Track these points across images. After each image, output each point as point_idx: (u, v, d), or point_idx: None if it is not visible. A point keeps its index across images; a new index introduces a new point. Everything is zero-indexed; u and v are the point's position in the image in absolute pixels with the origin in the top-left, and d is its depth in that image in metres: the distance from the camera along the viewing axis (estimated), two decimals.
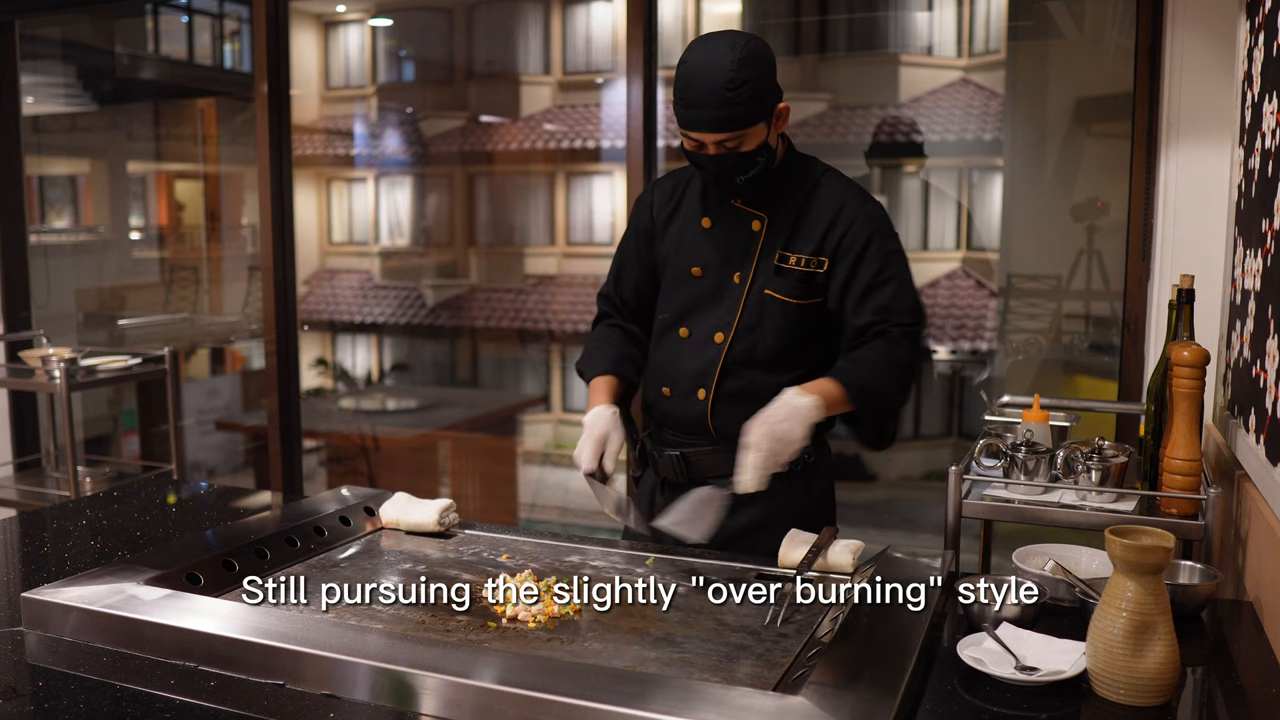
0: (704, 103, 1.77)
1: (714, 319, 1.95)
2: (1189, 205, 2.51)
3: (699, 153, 1.84)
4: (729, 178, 1.86)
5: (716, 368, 1.94)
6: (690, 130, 1.81)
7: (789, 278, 1.91)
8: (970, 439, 2.73)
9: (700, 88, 1.77)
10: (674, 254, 2.00)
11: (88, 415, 5.20)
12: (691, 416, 1.96)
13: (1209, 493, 1.80)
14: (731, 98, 1.75)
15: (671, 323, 2.01)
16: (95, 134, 6.11)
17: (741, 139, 1.80)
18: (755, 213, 1.93)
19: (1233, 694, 1.33)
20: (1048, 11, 4.08)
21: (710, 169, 1.85)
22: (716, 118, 1.77)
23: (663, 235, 2.03)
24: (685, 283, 1.98)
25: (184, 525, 2.03)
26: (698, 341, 1.96)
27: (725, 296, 1.95)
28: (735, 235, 1.94)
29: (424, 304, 8.00)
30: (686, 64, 1.80)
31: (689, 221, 2.00)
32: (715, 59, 1.77)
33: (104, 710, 1.23)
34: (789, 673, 1.32)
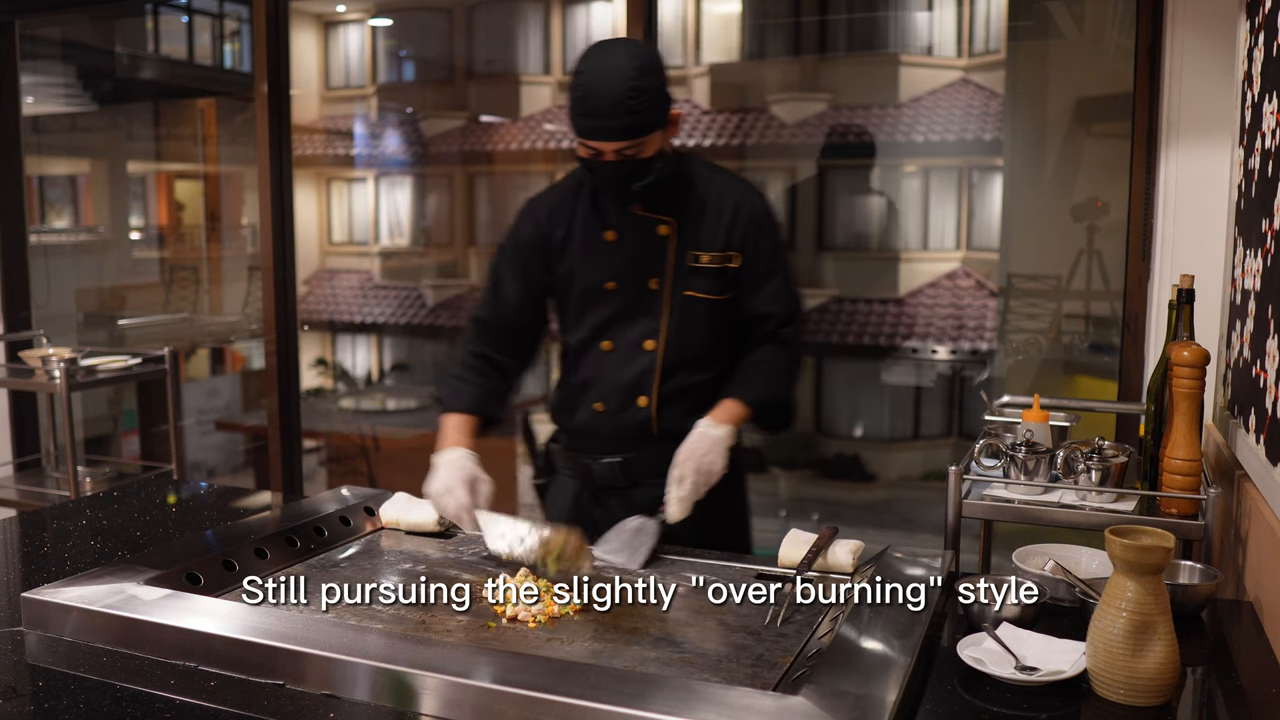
0: (605, 112, 1.78)
1: (639, 328, 1.97)
2: (1189, 205, 2.50)
3: (596, 160, 1.85)
4: (626, 184, 1.87)
5: (655, 374, 1.97)
6: (590, 139, 1.82)
7: (705, 276, 1.95)
8: (970, 439, 2.73)
9: (601, 97, 1.78)
10: (578, 271, 1.99)
11: (88, 415, 5.20)
12: (633, 424, 1.98)
13: (1209, 493, 1.80)
14: (633, 105, 1.77)
15: (590, 339, 2.00)
16: (95, 134, 6.11)
17: (640, 146, 1.82)
18: (660, 218, 1.95)
19: (1233, 694, 1.33)
20: (1048, 11, 4.08)
21: (608, 176, 1.86)
22: (618, 126, 1.79)
23: (560, 255, 2.01)
24: (598, 298, 1.99)
25: (184, 525, 2.03)
26: (625, 352, 1.98)
27: (647, 304, 1.97)
28: (643, 243, 1.95)
29: (424, 304, 8.00)
30: (584, 74, 1.81)
31: (589, 236, 1.99)
32: (614, 68, 1.78)
33: (104, 710, 1.23)
34: (789, 673, 1.32)
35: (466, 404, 1.98)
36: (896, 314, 5.70)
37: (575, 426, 2.05)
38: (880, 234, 5.87)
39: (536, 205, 2.05)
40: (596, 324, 1.99)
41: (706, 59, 7.10)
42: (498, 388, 2.03)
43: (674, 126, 1.90)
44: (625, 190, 1.88)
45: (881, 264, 5.96)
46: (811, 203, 5.95)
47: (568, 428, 2.08)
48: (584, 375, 2.02)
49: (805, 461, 5.72)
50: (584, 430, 2.04)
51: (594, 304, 1.99)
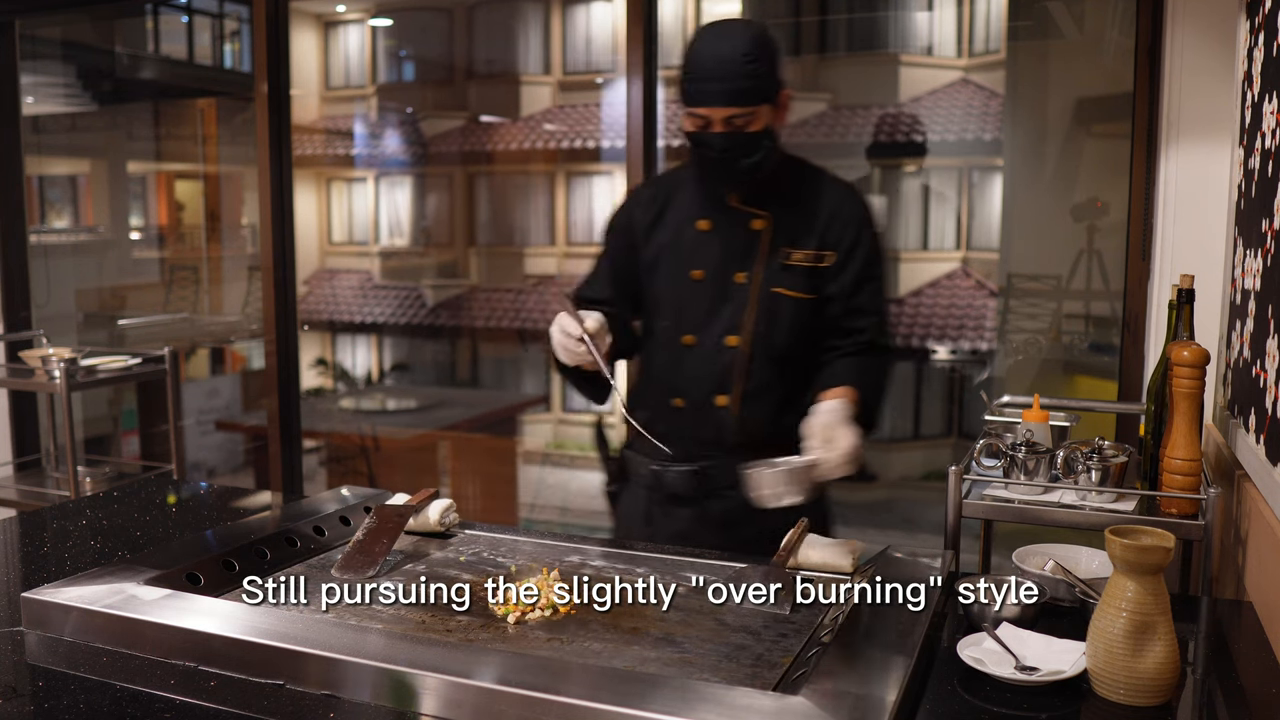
0: (718, 75, 1.76)
1: (723, 322, 1.92)
2: (1189, 205, 2.50)
3: (704, 132, 1.82)
4: (734, 159, 1.83)
5: (734, 371, 1.91)
6: (700, 106, 1.79)
7: (796, 274, 1.90)
8: (970, 439, 2.73)
9: (714, 62, 1.77)
10: (667, 258, 1.96)
11: (88, 415, 5.20)
12: (711, 424, 1.92)
13: (1209, 493, 1.80)
14: (746, 70, 1.76)
15: (673, 330, 1.96)
16: (95, 134, 6.11)
17: (750, 118, 1.79)
18: (756, 212, 1.91)
19: (1233, 694, 1.33)
20: (1048, 11, 4.08)
21: (716, 148, 1.82)
22: (730, 90, 1.77)
23: (646, 241, 1.98)
24: (684, 287, 1.95)
25: (184, 525, 2.03)
26: (708, 347, 1.93)
27: (731, 298, 1.92)
28: (736, 236, 1.92)
29: (424, 304, 8.00)
30: (699, 42, 1.80)
31: (682, 225, 1.96)
32: (730, 35, 1.79)
33: (104, 710, 1.23)
34: (789, 673, 1.32)
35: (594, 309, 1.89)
36: (896, 314, 5.69)
37: (652, 423, 1.97)
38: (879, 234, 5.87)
39: (638, 192, 2.05)
40: (681, 314, 1.95)
41: None
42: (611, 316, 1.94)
43: (784, 110, 1.87)
44: (733, 167, 1.84)
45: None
46: None
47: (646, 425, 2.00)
48: (665, 369, 1.98)
49: None
50: (659, 429, 1.95)
51: (679, 293, 1.95)
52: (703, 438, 1.94)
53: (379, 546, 1.72)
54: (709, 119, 1.80)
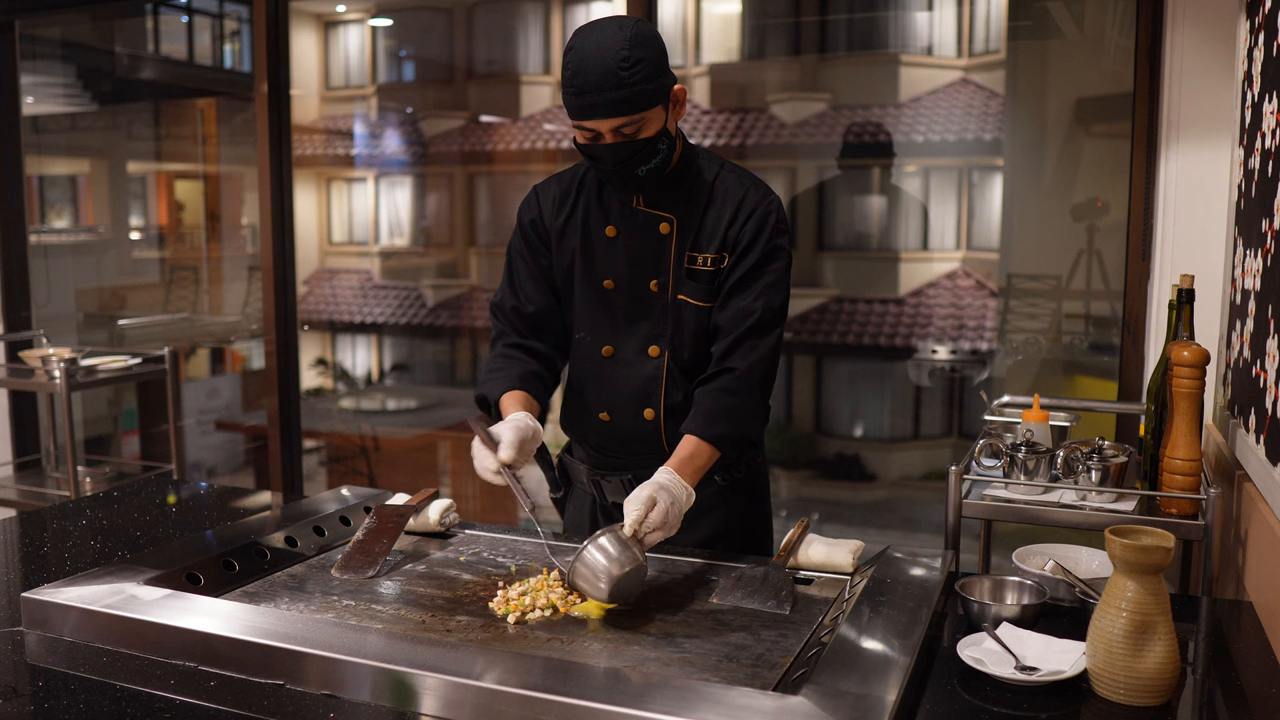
0: (597, 86, 1.63)
1: (642, 333, 1.85)
2: (1189, 205, 2.50)
3: (595, 144, 1.71)
4: (629, 169, 1.72)
5: (661, 384, 1.85)
6: (585, 120, 1.67)
7: (698, 280, 1.81)
8: (970, 439, 2.73)
9: (592, 71, 1.63)
10: (579, 266, 1.87)
11: (88, 415, 5.20)
12: (641, 436, 1.87)
13: (1209, 493, 1.80)
14: (625, 78, 1.63)
15: (591, 342, 1.89)
16: (95, 134, 6.11)
17: (640, 124, 1.68)
18: (662, 215, 1.82)
19: (1233, 694, 1.33)
20: (1048, 11, 4.08)
21: (609, 160, 1.71)
22: (613, 100, 1.64)
23: (559, 243, 1.89)
24: (598, 297, 1.86)
25: (184, 525, 2.03)
26: (629, 359, 1.86)
27: (648, 308, 1.84)
28: (644, 241, 1.83)
29: (424, 304, 8.00)
30: (574, 49, 1.67)
31: (590, 231, 1.86)
32: (605, 41, 1.65)
33: (104, 710, 1.23)
34: (789, 673, 1.32)
35: (507, 385, 1.81)
36: (896, 314, 5.70)
37: (583, 437, 1.95)
38: (880, 234, 5.87)
39: (541, 191, 1.93)
40: (597, 326, 1.88)
41: (706, 59, 7.10)
42: (534, 368, 1.86)
43: (679, 106, 1.76)
44: (629, 176, 1.73)
45: (881, 264, 5.96)
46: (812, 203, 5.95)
47: (576, 438, 1.99)
48: (588, 383, 1.91)
49: (805, 461, 5.72)
50: (591, 441, 1.94)
51: (594, 304, 1.87)
52: (634, 450, 1.90)
53: (379, 546, 1.72)
54: (597, 131, 1.69)
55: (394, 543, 1.75)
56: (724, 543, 1.92)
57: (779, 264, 1.82)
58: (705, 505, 1.87)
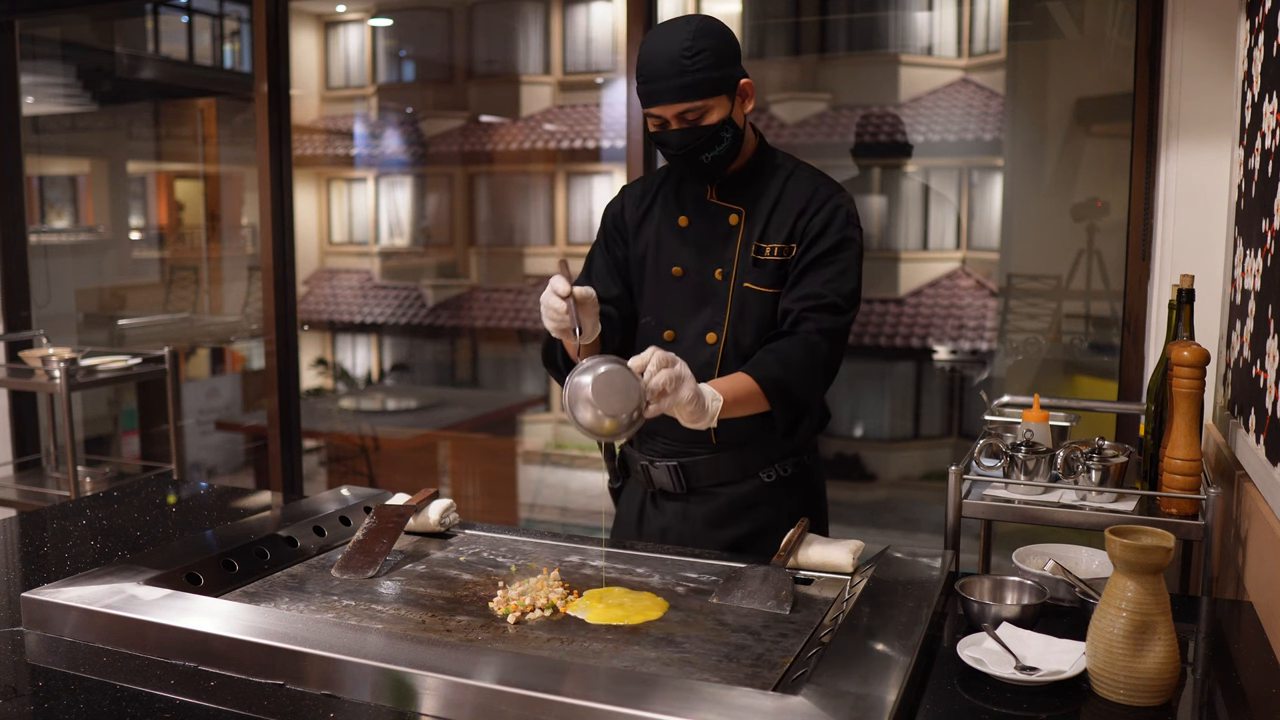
0: (662, 74, 1.75)
1: (702, 319, 1.92)
2: (1189, 205, 2.50)
3: (663, 131, 1.82)
4: (694, 155, 1.82)
5: (714, 370, 1.89)
6: (651, 106, 1.79)
7: (765, 269, 1.88)
8: (970, 439, 2.73)
9: (658, 60, 1.76)
10: (651, 255, 1.97)
11: (88, 415, 5.20)
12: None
13: (1209, 493, 1.80)
14: (688, 65, 1.74)
15: (654, 326, 1.96)
16: (95, 134, 6.11)
17: (703, 111, 1.78)
18: (732, 207, 1.91)
19: (1233, 694, 1.33)
20: (1048, 11, 4.08)
21: (674, 145, 1.81)
22: (675, 87, 1.75)
23: (636, 237, 1.99)
24: (665, 284, 1.95)
25: (184, 525, 2.03)
26: (687, 344, 1.92)
27: (710, 295, 1.91)
28: (713, 231, 1.91)
29: (424, 304, 8.00)
30: (648, 42, 1.80)
31: (664, 221, 1.96)
32: (672, 31, 1.78)
33: (104, 710, 1.23)
34: (789, 673, 1.32)
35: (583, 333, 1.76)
36: (896, 314, 5.70)
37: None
38: (880, 234, 5.87)
39: (626, 190, 2.06)
40: (662, 311, 1.95)
41: None
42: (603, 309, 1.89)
43: (747, 99, 1.85)
44: (695, 162, 1.83)
45: (881, 264, 5.97)
46: None
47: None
48: None
49: None
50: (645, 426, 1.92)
51: (662, 290, 1.95)
52: (685, 435, 1.91)
53: (379, 546, 1.72)
54: (664, 118, 1.80)
55: (394, 543, 1.75)
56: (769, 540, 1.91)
57: (849, 253, 1.87)
58: (751, 500, 1.93)
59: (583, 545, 1.84)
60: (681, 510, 1.97)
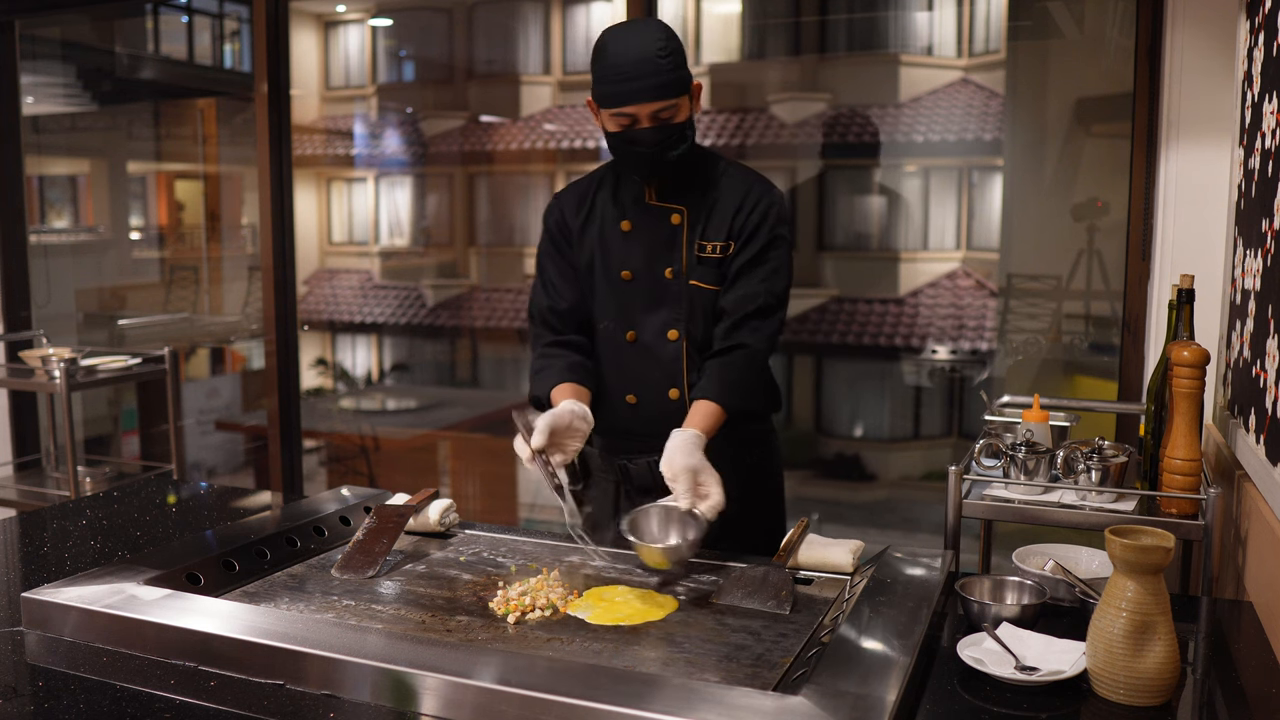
0: (639, 73, 1.79)
1: (661, 318, 1.97)
2: (1189, 205, 2.50)
3: (633, 129, 1.85)
4: (663, 153, 1.86)
5: (682, 365, 1.96)
6: (626, 105, 1.81)
7: (708, 265, 1.94)
8: (970, 439, 2.73)
9: (632, 60, 1.79)
10: (598, 259, 2.00)
11: (88, 415, 5.20)
12: (665, 416, 1.93)
13: (1209, 493, 1.80)
14: (663, 65, 1.79)
15: (615, 328, 2.00)
16: (95, 134, 6.11)
17: (674, 110, 1.83)
18: (673, 207, 1.95)
19: (1233, 694, 1.33)
20: (1048, 11, 4.08)
21: (648, 143, 1.85)
22: (653, 85, 1.80)
23: (580, 241, 2.02)
24: (617, 287, 1.99)
25: (184, 525, 2.03)
26: (650, 343, 1.97)
27: (664, 294, 1.96)
28: (657, 232, 1.96)
29: (424, 304, 8.00)
30: (610, 44, 1.83)
31: (606, 226, 2.00)
32: (643, 32, 1.82)
33: (104, 710, 1.23)
34: (789, 673, 1.32)
35: (558, 378, 1.93)
36: (896, 314, 5.70)
37: (609, 422, 2.02)
38: (880, 234, 5.87)
39: (561, 197, 2.07)
40: (619, 314, 1.99)
41: (706, 59, 7.09)
42: (577, 359, 1.99)
43: (697, 100, 1.91)
44: (661, 160, 1.86)
45: (881, 264, 5.97)
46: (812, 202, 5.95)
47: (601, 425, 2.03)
48: (612, 368, 2.01)
49: (805, 461, 5.72)
50: (618, 426, 2.03)
51: (614, 293, 1.99)
52: (658, 430, 1.92)
53: (379, 546, 1.73)
54: (635, 116, 1.83)
55: (394, 543, 1.75)
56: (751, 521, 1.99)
57: (780, 251, 1.96)
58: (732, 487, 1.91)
59: (583, 545, 1.84)
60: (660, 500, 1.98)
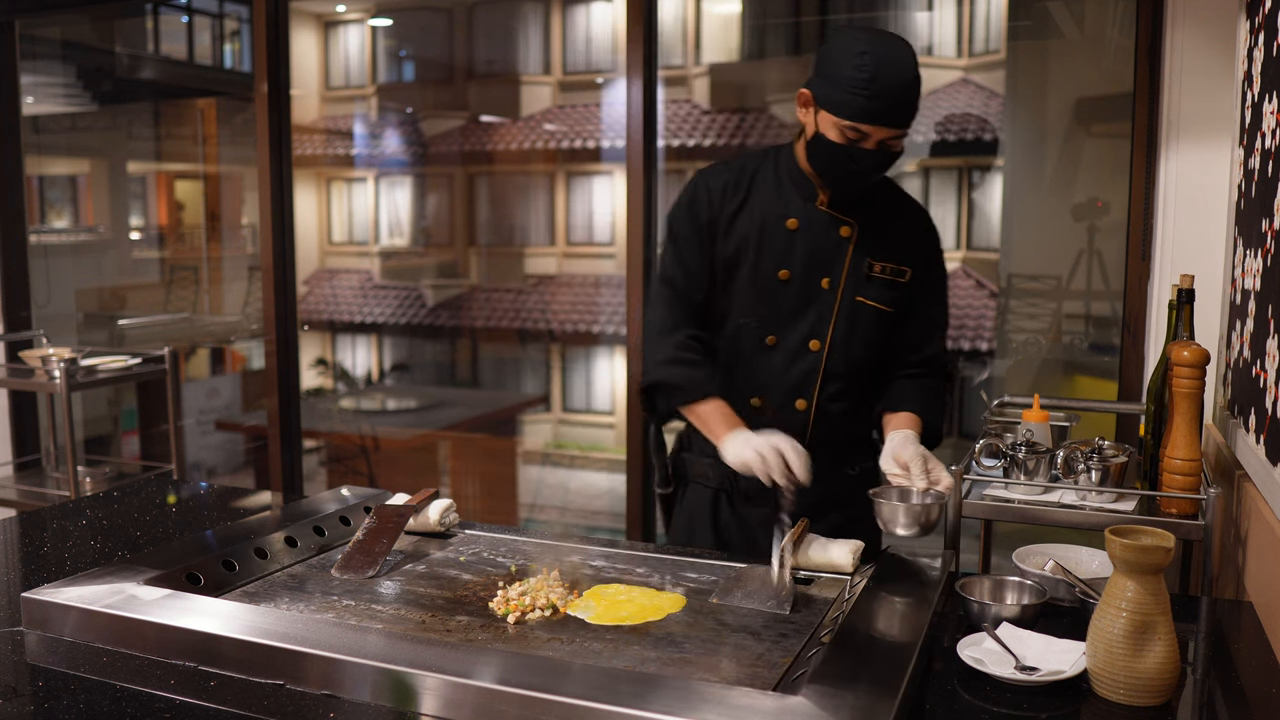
0: (898, 97, 1.74)
1: (806, 326, 1.92)
2: (1189, 205, 2.50)
3: (855, 146, 1.77)
4: (876, 174, 1.85)
5: (817, 377, 1.92)
6: (871, 123, 1.74)
7: (878, 285, 1.92)
8: (970, 439, 2.73)
9: (894, 81, 1.73)
10: (751, 255, 1.92)
11: (88, 415, 5.20)
12: (788, 425, 1.87)
13: (1209, 493, 1.80)
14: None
15: (753, 328, 1.93)
16: (95, 134, 6.12)
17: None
18: (844, 218, 1.91)
19: (1233, 694, 1.33)
20: (1048, 11, 4.08)
21: (866, 164, 1.80)
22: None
23: (728, 230, 1.92)
24: (769, 286, 1.92)
25: (184, 525, 2.03)
26: (790, 350, 1.92)
27: (815, 302, 1.91)
28: (824, 240, 1.90)
29: (424, 304, 8.00)
30: (873, 54, 1.73)
31: (770, 221, 1.91)
32: (905, 55, 1.75)
33: (104, 710, 1.23)
34: (789, 673, 1.32)
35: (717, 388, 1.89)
36: None
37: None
38: None
39: (709, 176, 1.95)
40: (765, 314, 1.92)
41: (706, 59, 7.10)
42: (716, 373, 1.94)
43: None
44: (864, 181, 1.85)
45: None
46: None
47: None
48: (744, 369, 1.95)
49: None
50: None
51: (765, 292, 1.91)
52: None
53: (379, 546, 1.72)
54: (866, 134, 1.76)
55: (394, 542, 1.75)
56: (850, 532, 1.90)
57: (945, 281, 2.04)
58: (840, 495, 1.95)
59: (583, 545, 1.84)
60: (763, 515, 1.93)
